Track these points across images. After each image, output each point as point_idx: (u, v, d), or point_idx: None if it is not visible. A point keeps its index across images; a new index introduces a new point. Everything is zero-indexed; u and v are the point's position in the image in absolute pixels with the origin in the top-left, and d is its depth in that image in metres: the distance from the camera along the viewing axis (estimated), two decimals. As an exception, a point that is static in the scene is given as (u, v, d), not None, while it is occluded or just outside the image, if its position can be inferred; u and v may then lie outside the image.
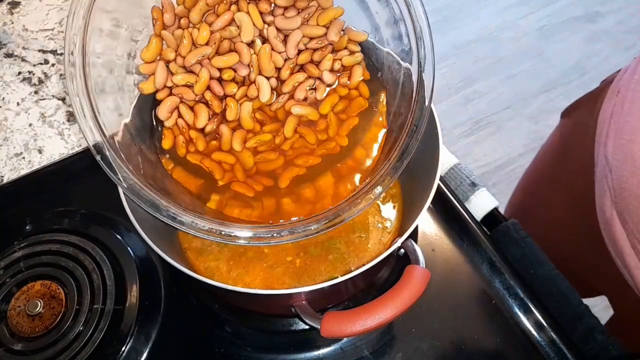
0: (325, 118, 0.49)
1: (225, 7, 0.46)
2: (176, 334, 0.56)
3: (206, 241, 0.55)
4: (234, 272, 0.53)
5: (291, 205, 0.47)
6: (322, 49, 0.48)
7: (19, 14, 0.83)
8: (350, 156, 0.49)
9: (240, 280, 0.53)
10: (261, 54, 0.46)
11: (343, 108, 0.50)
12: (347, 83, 0.49)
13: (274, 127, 0.49)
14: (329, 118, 0.49)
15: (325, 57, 0.48)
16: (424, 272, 0.44)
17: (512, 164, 1.76)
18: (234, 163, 0.48)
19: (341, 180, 0.48)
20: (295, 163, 0.48)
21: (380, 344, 0.55)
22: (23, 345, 0.52)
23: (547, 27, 2.13)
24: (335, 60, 0.49)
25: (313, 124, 0.49)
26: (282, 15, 0.47)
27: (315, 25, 0.47)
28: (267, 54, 0.46)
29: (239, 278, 0.53)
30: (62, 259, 0.57)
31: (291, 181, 0.48)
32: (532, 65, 2.01)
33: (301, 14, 0.47)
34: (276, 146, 0.49)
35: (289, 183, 0.48)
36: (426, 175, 0.51)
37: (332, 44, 0.48)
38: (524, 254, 0.60)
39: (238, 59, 0.46)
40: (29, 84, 0.75)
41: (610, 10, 2.18)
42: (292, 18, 0.47)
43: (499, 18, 2.17)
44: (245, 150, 0.47)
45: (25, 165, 0.68)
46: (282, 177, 0.47)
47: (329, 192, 0.47)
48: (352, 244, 0.55)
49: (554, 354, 0.54)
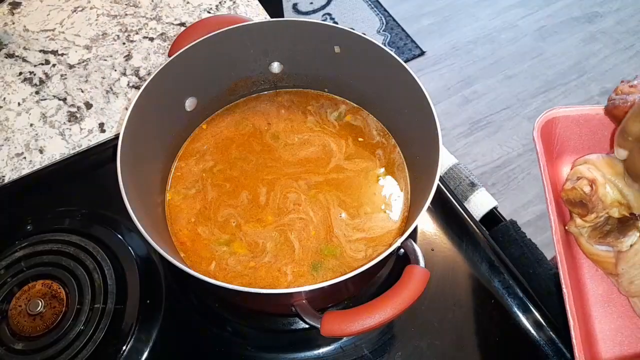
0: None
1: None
2: (177, 333, 0.56)
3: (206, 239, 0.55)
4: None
5: None
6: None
7: (20, 15, 0.83)
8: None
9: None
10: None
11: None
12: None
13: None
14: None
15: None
16: (424, 272, 0.44)
17: (511, 164, 1.76)
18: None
19: None
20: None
21: (379, 343, 0.55)
22: (24, 345, 0.52)
23: (545, 27, 2.14)
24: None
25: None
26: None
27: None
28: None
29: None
30: (63, 259, 0.57)
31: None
32: (531, 66, 2.02)
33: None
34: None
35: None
36: (426, 175, 0.51)
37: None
38: (522, 254, 0.61)
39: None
40: (30, 84, 0.75)
41: (609, 11, 2.18)
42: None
43: (498, 19, 2.17)
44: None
45: (26, 165, 0.68)
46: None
47: None
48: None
49: (553, 353, 0.55)
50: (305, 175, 0.61)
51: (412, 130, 0.57)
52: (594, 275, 0.61)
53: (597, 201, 0.56)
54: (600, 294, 0.60)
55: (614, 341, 0.57)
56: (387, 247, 0.45)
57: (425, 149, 0.53)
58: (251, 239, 0.57)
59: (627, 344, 0.57)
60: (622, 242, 0.56)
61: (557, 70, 2.00)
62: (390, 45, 2.09)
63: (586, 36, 2.10)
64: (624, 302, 0.59)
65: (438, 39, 2.12)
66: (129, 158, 0.50)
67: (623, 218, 0.56)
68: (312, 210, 0.58)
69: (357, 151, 0.63)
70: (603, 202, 0.56)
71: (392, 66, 0.55)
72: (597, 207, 0.56)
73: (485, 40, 2.10)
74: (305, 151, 0.63)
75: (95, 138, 0.70)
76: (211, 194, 0.60)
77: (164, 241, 0.52)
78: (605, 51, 2.05)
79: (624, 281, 0.57)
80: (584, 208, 0.58)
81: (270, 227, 0.57)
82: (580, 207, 0.59)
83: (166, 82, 0.55)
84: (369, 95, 0.64)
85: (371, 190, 0.60)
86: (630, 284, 0.56)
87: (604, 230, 0.58)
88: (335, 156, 0.63)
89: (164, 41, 0.80)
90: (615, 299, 0.59)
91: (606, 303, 0.59)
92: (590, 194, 0.56)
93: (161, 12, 0.83)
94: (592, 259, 0.61)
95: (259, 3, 0.85)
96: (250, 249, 0.56)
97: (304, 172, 0.61)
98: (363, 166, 0.62)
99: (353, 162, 0.62)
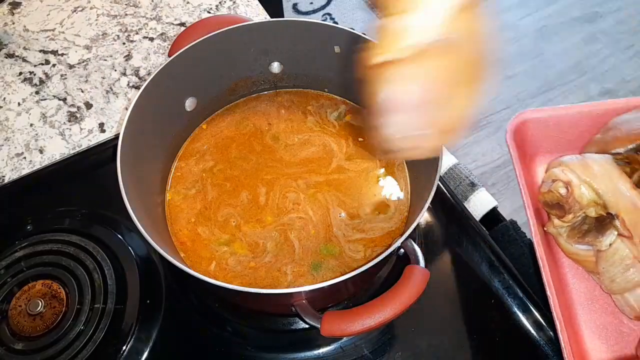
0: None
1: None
2: (177, 333, 0.56)
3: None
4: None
5: None
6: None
7: (20, 15, 0.83)
8: None
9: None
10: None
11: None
12: None
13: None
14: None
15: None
16: (424, 272, 0.45)
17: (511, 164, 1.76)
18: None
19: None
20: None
21: (379, 343, 0.55)
22: (24, 345, 0.52)
23: (546, 27, 2.14)
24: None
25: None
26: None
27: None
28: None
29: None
30: (63, 259, 0.57)
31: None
32: (532, 66, 2.02)
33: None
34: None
35: None
36: (426, 175, 0.51)
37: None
38: (522, 253, 0.61)
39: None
40: (30, 84, 0.75)
41: (609, 11, 2.18)
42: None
43: (498, 19, 2.17)
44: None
45: (26, 165, 0.68)
46: None
47: None
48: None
49: (553, 353, 0.55)
50: (305, 175, 0.61)
51: (412, 130, 0.57)
52: (576, 273, 0.62)
53: (573, 202, 0.57)
54: (582, 292, 0.61)
55: (600, 337, 0.58)
56: (386, 248, 0.45)
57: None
58: (251, 239, 0.57)
59: (612, 340, 0.58)
60: (601, 242, 0.57)
61: (557, 70, 2.00)
62: (390, 45, 2.08)
63: (586, 36, 2.10)
64: (607, 298, 0.60)
65: (438, 39, 2.11)
66: (129, 158, 0.50)
67: (600, 217, 0.57)
68: (312, 209, 0.58)
69: (358, 151, 0.63)
70: (580, 202, 0.57)
71: (392, 66, 0.55)
72: (574, 208, 0.57)
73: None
74: (306, 151, 0.63)
75: (95, 138, 0.70)
76: (211, 193, 0.60)
77: (164, 241, 0.52)
78: (605, 51, 2.04)
79: (605, 279, 0.58)
80: (561, 210, 0.59)
81: (270, 227, 0.57)
82: (558, 209, 0.59)
83: (166, 82, 0.55)
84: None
85: (371, 190, 0.60)
86: (611, 282, 0.57)
87: (582, 229, 0.59)
88: (337, 156, 0.62)
89: (164, 41, 0.80)
90: (598, 296, 0.61)
91: (589, 300, 0.60)
92: (566, 195, 0.58)
93: (161, 12, 0.83)
94: (572, 258, 0.61)
95: (259, 3, 0.84)
96: (251, 249, 0.56)
97: (305, 172, 0.61)
98: (364, 167, 0.62)
99: (354, 162, 0.62)
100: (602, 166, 0.58)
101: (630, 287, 0.56)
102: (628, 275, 0.56)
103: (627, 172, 0.59)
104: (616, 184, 0.56)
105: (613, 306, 0.59)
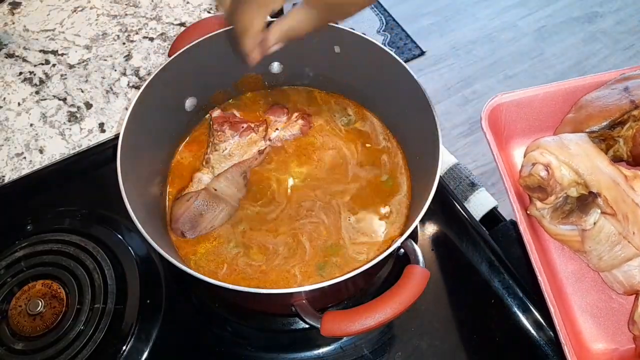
0: None
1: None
2: (177, 333, 0.56)
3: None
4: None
5: None
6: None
7: (20, 15, 0.83)
8: None
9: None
10: None
11: None
12: None
13: None
14: None
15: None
16: (424, 272, 0.45)
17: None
18: None
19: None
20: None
21: (379, 343, 0.55)
22: (24, 345, 0.53)
23: (545, 27, 2.14)
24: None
25: None
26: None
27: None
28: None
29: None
30: (63, 259, 0.57)
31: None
32: (531, 66, 2.02)
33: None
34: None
35: None
36: (426, 175, 0.51)
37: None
38: (522, 253, 0.61)
39: None
40: (30, 84, 0.75)
41: (609, 11, 2.18)
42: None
43: (497, 19, 2.17)
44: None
45: (26, 165, 0.68)
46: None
47: None
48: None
49: (553, 353, 0.55)
50: (325, 185, 0.60)
51: (412, 130, 0.57)
52: (561, 254, 0.62)
53: (555, 184, 0.57)
54: (570, 272, 0.61)
55: (592, 315, 0.58)
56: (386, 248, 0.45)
57: (426, 149, 0.53)
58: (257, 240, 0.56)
59: (603, 317, 0.58)
60: (586, 221, 0.57)
61: (557, 70, 2.00)
62: (390, 45, 2.09)
63: (586, 36, 2.10)
64: (595, 276, 0.61)
65: (438, 39, 2.11)
66: (129, 158, 0.50)
67: (582, 197, 0.58)
68: (325, 213, 0.58)
69: (366, 158, 0.62)
70: (561, 184, 0.57)
71: (392, 66, 0.55)
72: (556, 189, 0.58)
73: (485, 40, 2.10)
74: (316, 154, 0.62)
75: (95, 138, 0.70)
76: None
77: (164, 241, 0.52)
78: (605, 51, 2.04)
79: (592, 258, 0.58)
80: (543, 192, 0.59)
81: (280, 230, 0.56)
82: (540, 192, 0.60)
83: (166, 82, 0.55)
84: (369, 95, 0.64)
85: (375, 194, 0.59)
86: (599, 260, 0.57)
87: (565, 210, 0.59)
88: (350, 163, 0.62)
89: (164, 41, 0.80)
90: (586, 274, 0.61)
91: (578, 280, 0.61)
92: (547, 178, 0.58)
93: (161, 12, 0.83)
94: (557, 239, 0.62)
95: (259, 3, 0.84)
96: (261, 251, 0.55)
97: (326, 183, 0.60)
98: (374, 173, 0.61)
99: (363, 169, 0.61)
100: (579, 145, 0.58)
101: (618, 263, 0.56)
102: (615, 252, 0.56)
103: (603, 149, 0.59)
104: (594, 162, 0.56)
105: (602, 283, 0.60)
